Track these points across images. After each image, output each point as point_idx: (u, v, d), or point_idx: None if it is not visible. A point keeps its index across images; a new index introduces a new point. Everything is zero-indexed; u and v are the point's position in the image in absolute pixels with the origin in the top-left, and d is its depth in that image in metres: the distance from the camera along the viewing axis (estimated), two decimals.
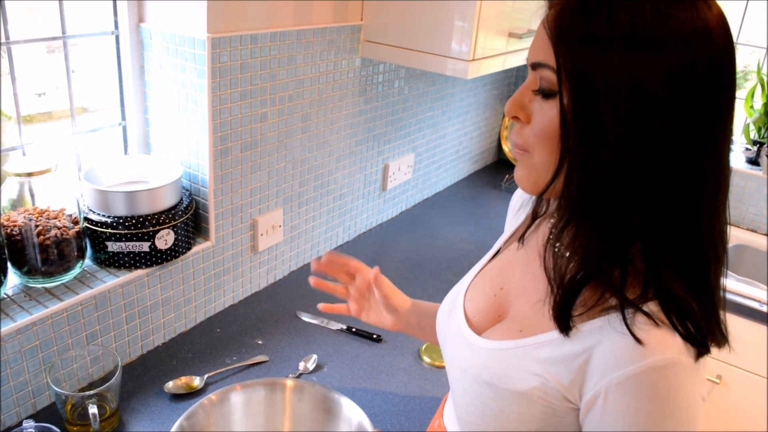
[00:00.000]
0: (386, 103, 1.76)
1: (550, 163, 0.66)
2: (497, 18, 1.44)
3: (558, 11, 0.62)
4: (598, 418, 0.64)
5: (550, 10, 0.64)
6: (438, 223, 2.00)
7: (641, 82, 0.58)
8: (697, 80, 0.59)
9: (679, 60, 0.58)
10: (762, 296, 1.75)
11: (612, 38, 0.58)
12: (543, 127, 0.65)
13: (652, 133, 0.59)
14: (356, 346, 1.37)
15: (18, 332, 1.04)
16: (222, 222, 1.36)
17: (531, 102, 0.67)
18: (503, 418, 0.72)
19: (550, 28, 0.63)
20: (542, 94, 0.65)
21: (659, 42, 0.58)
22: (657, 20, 0.58)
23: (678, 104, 0.59)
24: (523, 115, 0.68)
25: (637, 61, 0.58)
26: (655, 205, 0.61)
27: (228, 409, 1.04)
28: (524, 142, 0.68)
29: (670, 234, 0.63)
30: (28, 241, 1.07)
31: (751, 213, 2.15)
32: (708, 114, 0.60)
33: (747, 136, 2.19)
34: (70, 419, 1.07)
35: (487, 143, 2.46)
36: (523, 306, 0.77)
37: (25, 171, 1.07)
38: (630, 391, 0.61)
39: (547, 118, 0.64)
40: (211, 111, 1.23)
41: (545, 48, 0.63)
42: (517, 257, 0.83)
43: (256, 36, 1.27)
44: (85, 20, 1.24)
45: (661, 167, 0.60)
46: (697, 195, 0.62)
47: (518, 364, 0.70)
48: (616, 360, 0.62)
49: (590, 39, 0.59)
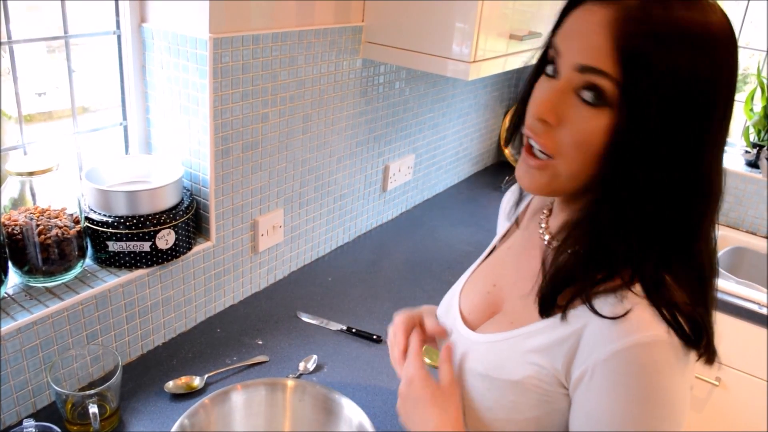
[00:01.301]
0: (387, 104, 1.76)
1: (579, 171, 0.64)
2: (498, 20, 1.45)
3: (625, 19, 0.58)
4: (584, 395, 0.65)
5: (607, 10, 0.60)
6: (438, 224, 2.00)
7: (703, 97, 0.59)
8: (724, 84, 0.61)
9: (719, 66, 0.60)
10: (761, 299, 1.75)
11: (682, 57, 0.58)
12: (583, 136, 0.62)
13: (699, 142, 0.61)
14: (356, 346, 1.37)
15: (18, 331, 1.04)
16: (223, 222, 1.36)
17: (567, 105, 0.63)
18: (499, 409, 0.73)
19: (616, 38, 0.58)
20: (588, 102, 0.61)
21: (713, 52, 0.59)
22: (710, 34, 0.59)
23: (713, 111, 0.61)
24: (554, 118, 0.64)
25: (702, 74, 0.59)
26: (677, 205, 0.63)
27: (229, 408, 1.04)
28: (555, 146, 0.64)
29: (680, 231, 0.64)
30: (29, 241, 1.07)
31: (751, 216, 2.15)
32: (725, 117, 0.63)
33: (747, 139, 2.20)
34: (71, 418, 1.07)
35: (487, 145, 2.46)
36: (515, 299, 0.78)
37: (26, 170, 1.07)
38: (614, 368, 0.62)
39: (591, 127, 0.61)
40: (213, 111, 1.23)
41: (605, 54, 0.59)
42: (510, 254, 0.85)
43: (257, 36, 1.27)
44: (87, 20, 1.25)
45: (694, 170, 0.62)
46: (706, 196, 0.64)
47: (511, 355, 0.72)
48: (603, 338, 0.63)
49: (665, 58, 0.58)
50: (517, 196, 0.92)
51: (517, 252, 0.84)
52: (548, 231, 0.77)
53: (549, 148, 0.65)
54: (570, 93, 0.63)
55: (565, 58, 0.63)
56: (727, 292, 1.77)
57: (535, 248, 0.79)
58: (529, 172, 0.68)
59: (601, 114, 0.61)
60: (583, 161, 0.63)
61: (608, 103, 0.60)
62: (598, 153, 0.62)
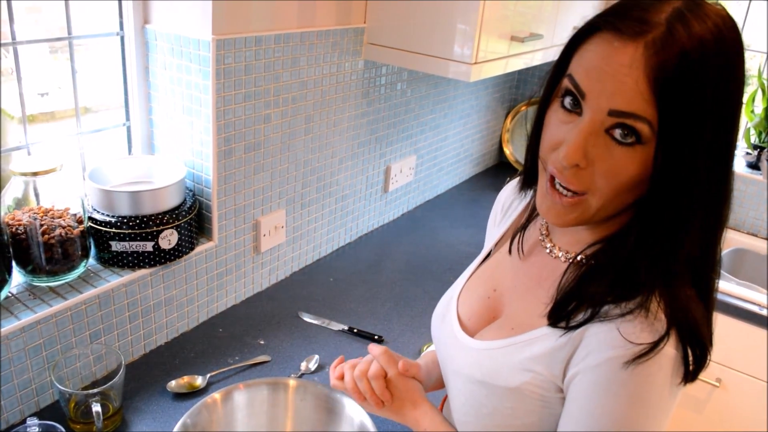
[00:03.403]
0: (388, 105, 1.76)
1: (610, 203, 0.64)
2: (500, 21, 1.45)
3: (658, 65, 0.57)
4: (571, 397, 0.66)
5: (626, 45, 0.59)
6: (439, 225, 2.00)
7: (731, 110, 0.61)
8: (742, 92, 0.62)
9: (739, 76, 0.61)
10: (762, 300, 1.75)
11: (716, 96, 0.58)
12: (616, 172, 0.62)
13: (730, 156, 0.62)
14: (358, 346, 1.38)
15: (22, 330, 1.05)
16: (225, 222, 1.37)
17: (597, 146, 0.62)
18: (498, 415, 0.73)
19: (651, 81, 0.57)
20: (622, 141, 0.60)
21: (738, 75, 0.60)
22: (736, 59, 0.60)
23: (738, 121, 0.62)
24: (585, 162, 0.62)
25: (731, 105, 0.60)
26: (705, 222, 0.64)
27: (231, 408, 1.05)
28: (586, 185, 0.64)
29: (704, 244, 0.65)
30: (33, 240, 1.08)
31: (752, 217, 2.16)
32: (737, 123, 0.63)
33: (747, 140, 2.20)
34: (74, 417, 1.07)
35: (488, 146, 2.47)
36: (515, 306, 0.78)
37: (30, 170, 1.07)
38: (608, 372, 0.62)
39: (625, 163, 0.61)
40: (215, 112, 1.24)
41: (639, 99, 0.58)
42: (509, 259, 0.84)
43: (260, 38, 1.27)
44: (90, 21, 1.25)
45: (726, 183, 0.64)
46: (725, 205, 0.65)
47: (510, 361, 0.72)
48: (599, 344, 0.63)
49: (701, 100, 0.58)
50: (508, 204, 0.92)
51: (515, 257, 0.83)
52: (550, 239, 0.77)
53: (581, 187, 0.64)
54: (600, 133, 0.62)
55: (594, 101, 0.61)
56: (727, 293, 1.77)
57: (534, 255, 0.79)
58: (555, 208, 0.67)
59: (636, 151, 0.60)
60: (616, 194, 0.63)
61: (643, 141, 0.60)
62: (632, 183, 0.62)
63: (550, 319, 0.69)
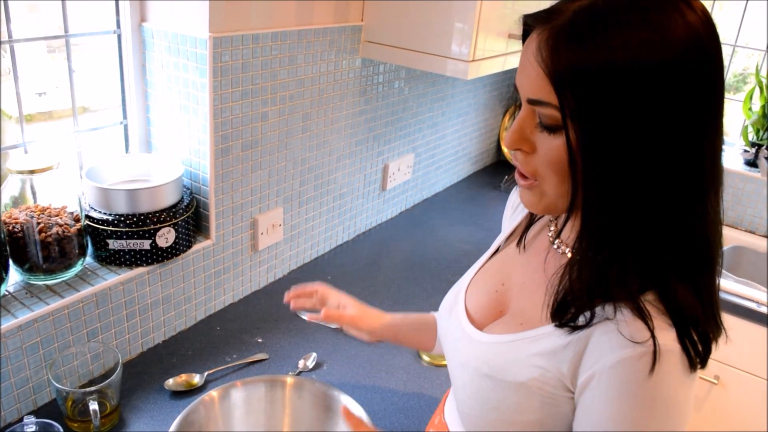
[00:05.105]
0: (386, 103, 1.76)
1: (561, 190, 0.66)
2: (497, 19, 1.45)
3: (551, 46, 0.60)
4: (589, 401, 0.66)
5: (536, 37, 0.61)
6: (437, 224, 2.00)
7: (648, 102, 0.58)
8: (694, 86, 0.59)
9: (678, 72, 0.58)
10: (761, 297, 1.75)
11: (614, 69, 0.57)
12: (551, 158, 0.64)
13: (661, 145, 0.60)
14: (355, 344, 1.38)
15: (19, 329, 1.05)
16: (222, 220, 1.37)
17: (533, 133, 0.65)
18: (503, 409, 0.73)
19: (546, 66, 0.60)
20: (545, 129, 0.63)
21: (659, 60, 0.57)
22: (654, 36, 0.57)
23: (680, 113, 0.59)
24: (527, 146, 0.66)
25: (642, 83, 0.58)
26: (665, 210, 0.62)
27: (228, 405, 1.05)
28: (533, 171, 0.67)
29: (675, 236, 0.64)
30: (30, 239, 1.08)
31: (750, 215, 2.16)
32: (705, 117, 0.61)
33: (745, 138, 2.20)
34: (71, 415, 1.07)
35: (486, 144, 2.47)
36: (523, 301, 0.78)
37: (27, 168, 1.07)
38: (621, 374, 0.62)
39: (555, 148, 0.63)
40: (212, 110, 1.24)
41: (542, 85, 0.61)
42: (518, 254, 0.84)
43: (257, 36, 1.27)
44: (87, 19, 1.25)
45: (669, 174, 0.61)
46: (699, 196, 0.63)
47: (517, 356, 0.72)
48: (611, 344, 0.63)
49: (593, 75, 0.58)
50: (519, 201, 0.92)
51: (525, 252, 0.83)
52: (558, 237, 0.77)
53: (529, 173, 0.68)
54: (532, 122, 0.65)
55: (521, 91, 0.66)
56: (726, 290, 1.77)
57: (543, 251, 0.79)
58: (521, 191, 0.72)
59: (559, 137, 0.62)
60: (562, 181, 0.65)
61: (559, 126, 0.62)
62: (569, 170, 0.63)
63: (554, 320, 0.69)
